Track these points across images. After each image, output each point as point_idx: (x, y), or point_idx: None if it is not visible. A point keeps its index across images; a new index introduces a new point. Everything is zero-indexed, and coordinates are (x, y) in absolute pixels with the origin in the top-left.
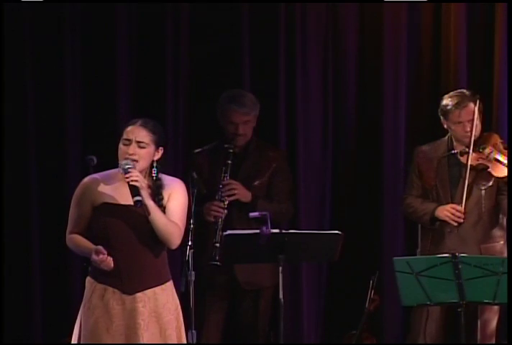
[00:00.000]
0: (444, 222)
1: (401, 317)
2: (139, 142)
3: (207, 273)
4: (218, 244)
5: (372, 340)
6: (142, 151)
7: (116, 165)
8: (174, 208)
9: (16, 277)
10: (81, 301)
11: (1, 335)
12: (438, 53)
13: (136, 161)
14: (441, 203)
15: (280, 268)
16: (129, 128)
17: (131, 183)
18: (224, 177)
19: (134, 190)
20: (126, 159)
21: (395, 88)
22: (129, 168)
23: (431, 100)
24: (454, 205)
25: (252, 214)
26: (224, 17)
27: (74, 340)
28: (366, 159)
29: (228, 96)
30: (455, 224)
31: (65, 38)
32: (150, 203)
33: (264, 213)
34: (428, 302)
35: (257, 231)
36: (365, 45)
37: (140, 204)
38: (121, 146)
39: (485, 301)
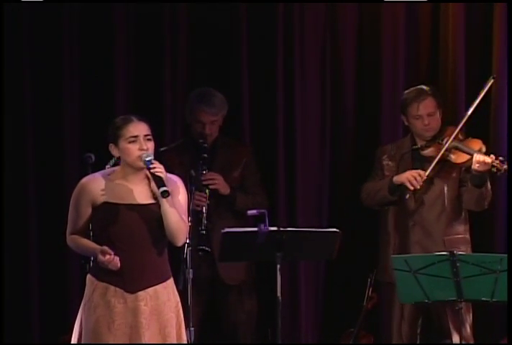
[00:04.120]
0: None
1: None
2: (146, 136)
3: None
4: (204, 232)
5: (370, 338)
6: (151, 143)
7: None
8: (178, 204)
9: (14, 275)
10: (79, 298)
11: (1, 335)
12: (436, 53)
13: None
14: None
15: (278, 266)
16: (131, 126)
17: (156, 174)
18: (203, 169)
19: (159, 181)
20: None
21: (393, 88)
22: (151, 160)
23: None
24: (418, 170)
25: (249, 212)
26: (222, 17)
27: (74, 339)
28: (364, 159)
29: (197, 95)
30: (411, 188)
31: (64, 38)
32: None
33: (262, 210)
34: (426, 300)
35: (255, 228)
36: (364, 45)
37: (168, 194)
38: (127, 145)
39: (483, 299)
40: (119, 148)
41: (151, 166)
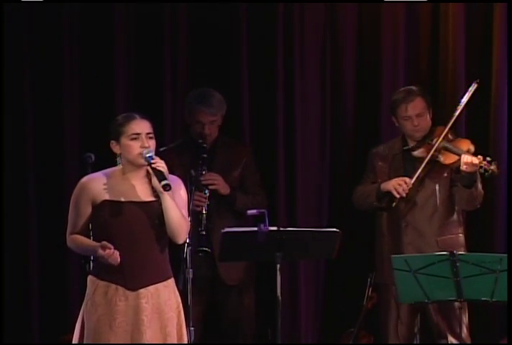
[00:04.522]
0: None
1: None
2: (148, 134)
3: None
4: (204, 232)
5: (370, 338)
6: (152, 141)
7: (113, 162)
8: (179, 202)
9: (14, 275)
10: (80, 298)
11: (1, 335)
12: (436, 53)
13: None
14: None
15: (278, 266)
16: (133, 123)
17: (158, 168)
18: (203, 169)
19: (160, 175)
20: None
21: (393, 88)
22: (152, 155)
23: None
24: (404, 178)
25: (249, 212)
26: (222, 17)
27: (75, 338)
28: (364, 159)
29: (196, 96)
30: (397, 196)
31: (64, 38)
32: (168, 195)
33: (262, 210)
34: (426, 300)
35: (255, 228)
36: (364, 45)
37: (169, 187)
38: (129, 142)
39: (483, 299)
40: (120, 145)
41: (152, 161)
